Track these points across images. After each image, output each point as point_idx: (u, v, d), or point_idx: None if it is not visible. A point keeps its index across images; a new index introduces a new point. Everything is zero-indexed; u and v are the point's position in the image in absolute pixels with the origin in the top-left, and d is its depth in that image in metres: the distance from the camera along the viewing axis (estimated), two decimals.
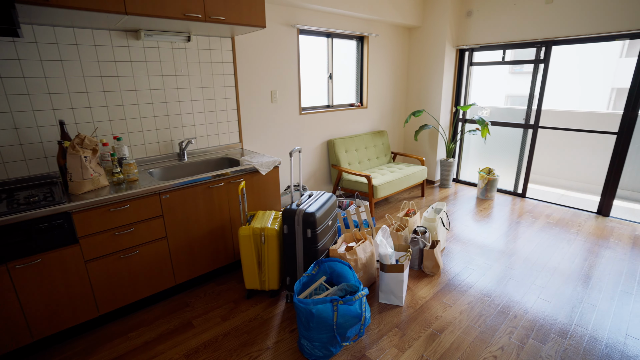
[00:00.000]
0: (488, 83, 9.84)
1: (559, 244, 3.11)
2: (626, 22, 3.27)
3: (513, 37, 3.99)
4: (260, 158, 2.73)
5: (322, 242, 2.23)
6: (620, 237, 3.25)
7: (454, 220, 3.64)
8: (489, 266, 2.76)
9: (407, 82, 4.86)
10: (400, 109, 4.89)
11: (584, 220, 3.64)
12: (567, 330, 2.08)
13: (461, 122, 4.73)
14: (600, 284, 2.53)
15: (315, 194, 2.42)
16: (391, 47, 4.46)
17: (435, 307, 2.28)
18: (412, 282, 2.55)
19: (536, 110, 4.03)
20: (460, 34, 4.43)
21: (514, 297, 2.38)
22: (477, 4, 4.21)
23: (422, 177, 4.15)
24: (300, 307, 1.81)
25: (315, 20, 3.51)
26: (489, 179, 4.12)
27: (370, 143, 4.25)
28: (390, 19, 4.03)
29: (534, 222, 3.59)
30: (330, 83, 3.95)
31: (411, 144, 5.00)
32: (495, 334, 2.05)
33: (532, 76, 4.00)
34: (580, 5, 3.49)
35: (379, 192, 3.49)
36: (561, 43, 3.78)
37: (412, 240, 2.59)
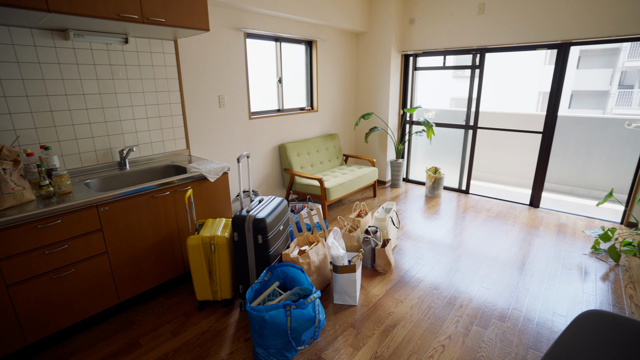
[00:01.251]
0: (434, 86, 10.43)
1: (498, 236, 3.36)
2: (545, 34, 3.63)
3: (451, 44, 4.26)
4: (208, 165, 2.64)
5: (274, 247, 2.21)
6: (548, 225, 3.59)
7: (404, 218, 3.79)
8: (437, 260, 2.91)
9: (357, 85, 4.99)
10: (350, 112, 5.01)
11: (519, 212, 3.97)
12: (505, 314, 2.24)
13: (408, 124, 4.96)
14: (532, 269, 2.77)
15: (266, 199, 2.39)
16: (340, 52, 4.56)
17: (388, 304, 2.35)
18: (366, 281, 2.61)
19: (475, 112, 4.34)
20: (405, 40, 4.65)
21: (460, 287, 2.53)
22: (419, 13, 4.44)
23: (374, 178, 4.28)
24: (253, 315, 1.78)
25: (262, 24, 3.49)
26: (435, 177, 4.35)
27: (322, 146, 4.30)
28: (337, 25, 4.12)
29: (477, 216, 3.85)
30: (280, 87, 3.95)
31: (362, 146, 5.14)
32: (443, 324, 2.16)
33: (470, 81, 4.30)
34: (507, 18, 3.82)
35: (332, 194, 3.54)
36: (493, 50, 4.11)
37: (364, 240, 2.66)
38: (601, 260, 2.90)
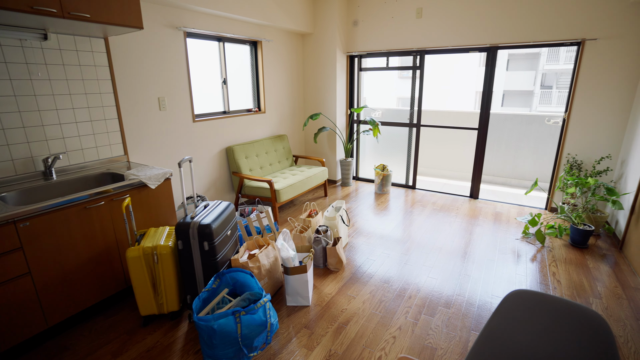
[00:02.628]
0: (381, 86, 10.81)
1: (442, 227, 3.56)
2: (476, 38, 3.92)
3: (393, 45, 4.43)
4: (149, 171, 2.49)
5: (222, 253, 2.14)
6: (486, 215, 3.87)
7: (356, 215, 3.87)
8: (387, 255, 3.00)
9: (304, 86, 5.01)
10: (299, 113, 5.01)
11: (461, 204, 4.24)
12: (450, 301, 2.38)
13: (356, 123, 5.07)
14: (473, 256, 2.96)
15: (212, 204, 2.31)
16: (286, 53, 4.54)
17: (341, 301, 2.38)
18: (318, 280, 2.62)
19: (417, 111, 4.55)
20: (349, 41, 4.75)
21: (409, 279, 2.63)
22: (362, 15, 4.57)
23: (324, 178, 4.32)
24: (201, 325, 1.70)
25: (204, 24, 3.37)
26: (383, 174, 4.50)
27: (270, 148, 4.25)
28: (282, 25, 4.10)
29: (423, 210, 4.04)
30: (225, 88, 3.84)
31: (312, 146, 5.16)
32: (394, 316, 2.23)
33: (412, 81, 4.51)
34: (443, 22, 4.06)
35: (282, 196, 3.51)
36: (431, 52, 4.34)
37: (315, 240, 2.67)
38: (530, 244, 3.19)
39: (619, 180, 3.44)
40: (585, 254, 3.01)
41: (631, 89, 3.37)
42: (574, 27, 3.47)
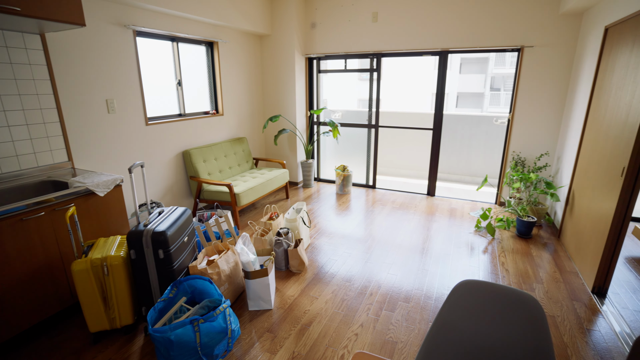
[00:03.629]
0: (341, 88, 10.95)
1: (402, 224, 3.68)
2: (428, 42, 4.10)
3: (351, 48, 4.52)
4: (96, 177, 2.34)
5: (179, 260, 2.06)
6: (442, 211, 4.06)
7: (318, 216, 3.89)
8: (348, 254, 3.05)
9: (263, 88, 4.96)
10: (258, 115, 4.96)
11: (419, 201, 4.41)
12: (409, 296, 2.46)
13: (316, 124, 5.11)
14: (430, 251, 3.09)
15: (167, 210, 2.22)
16: (243, 54, 4.47)
17: (304, 303, 2.38)
18: (281, 283, 2.60)
19: (375, 112, 4.67)
20: (308, 43, 4.77)
21: (370, 277, 2.69)
22: (319, 17, 4.61)
23: (285, 180, 4.31)
24: (157, 337, 1.63)
25: (156, 23, 3.23)
26: (344, 175, 4.57)
27: (230, 151, 4.16)
28: (239, 26, 4.04)
29: (383, 208, 4.15)
30: (180, 90, 3.70)
31: (272, 149, 5.13)
32: (356, 314, 2.27)
33: (369, 83, 4.62)
34: (397, 27, 4.20)
35: (242, 199, 3.45)
36: (388, 55, 4.48)
37: (276, 243, 2.65)
38: (482, 236, 3.39)
39: (556, 174, 3.75)
40: (529, 244, 3.24)
41: (563, 91, 3.69)
42: (515, 35, 3.74)
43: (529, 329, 0.99)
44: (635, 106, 2.15)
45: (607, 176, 2.46)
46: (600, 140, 2.67)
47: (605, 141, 2.56)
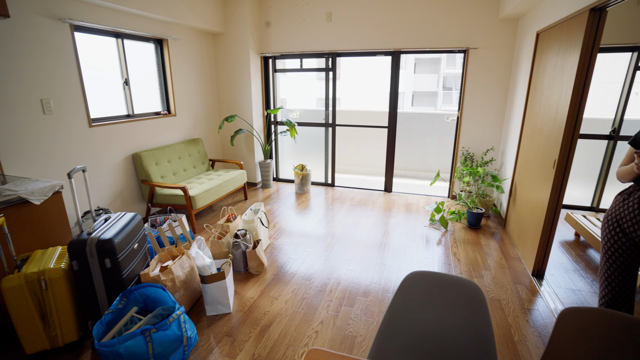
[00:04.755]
0: (300, 87, 10.96)
1: (360, 221, 3.76)
2: (381, 43, 4.22)
3: (306, 47, 4.53)
4: (31, 184, 2.15)
5: (129, 269, 1.96)
6: (399, 206, 4.20)
7: (277, 216, 3.87)
8: (308, 252, 3.06)
9: (218, 88, 4.84)
10: (213, 115, 4.82)
11: (377, 198, 4.53)
12: (368, 290, 2.52)
13: (273, 124, 5.07)
14: (388, 246, 3.19)
15: (114, 216, 2.09)
16: (196, 52, 4.32)
17: (263, 304, 2.36)
18: (240, 285, 2.56)
19: (332, 111, 4.73)
20: (262, 42, 4.72)
21: (330, 274, 2.72)
22: (274, 16, 4.57)
23: (243, 181, 4.23)
24: (104, 352, 1.53)
25: (96, 17, 3.02)
26: (303, 174, 4.58)
27: (184, 152, 4.02)
28: (190, 23, 3.90)
29: (342, 206, 4.22)
30: (128, 90, 3.51)
31: (229, 149, 5.02)
32: (316, 311, 2.29)
33: (325, 82, 4.66)
34: (351, 27, 4.28)
35: (198, 202, 3.35)
36: (342, 55, 4.54)
37: (233, 245, 2.60)
38: (436, 229, 3.55)
39: (500, 168, 4.03)
40: (479, 234, 3.45)
41: (504, 90, 3.97)
42: (460, 38, 3.96)
43: (471, 313, 1.05)
44: (562, 105, 2.36)
45: (542, 168, 2.68)
46: (535, 136, 2.90)
47: (540, 136, 2.79)
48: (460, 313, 1.05)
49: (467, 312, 1.05)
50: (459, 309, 1.06)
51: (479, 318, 1.03)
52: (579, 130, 2.28)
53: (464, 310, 1.05)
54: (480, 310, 1.04)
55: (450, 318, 1.05)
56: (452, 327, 1.02)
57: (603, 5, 2.01)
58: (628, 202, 1.60)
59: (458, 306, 1.07)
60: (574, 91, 2.22)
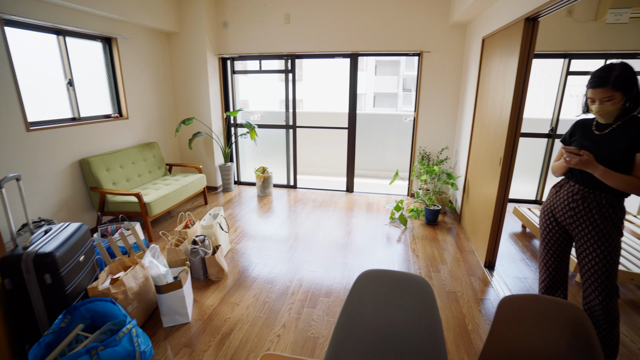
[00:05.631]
0: (263, 89, 10.83)
1: (323, 222, 3.78)
2: (340, 45, 4.27)
3: (265, 49, 4.49)
4: None
5: (73, 283, 1.83)
6: (361, 206, 4.28)
7: (239, 220, 3.80)
8: (270, 256, 3.03)
9: (174, 89, 4.66)
10: (170, 118, 4.64)
11: (339, 198, 4.58)
12: (330, 290, 2.54)
13: (233, 126, 4.97)
14: (350, 245, 3.23)
15: (56, 228, 1.95)
16: (149, 52, 4.14)
17: (224, 311, 2.30)
18: (199, 293, 2.47)
19: (292, 113, 4.72)
20: (220, 43, 4.61)
21: (292, 276, 2.71)
22: (231, 17, 4.49)
23: (202, 185, 4.11)
24: None
25: (32, 11, 2.80)
26: (264, 177, 4.53)
27: (138, 157, 3.83)
28: (141, 22, 3.73)
29: (305, 207, 4.22)
30: (72, 91, 3.28)
31: (187, 153, 4.85)
32: (278, 315, 2.26)
33: (285, 84, 4.65)
34: (310, 29, 4.30)
35: (154, 209, 3.20)
36: (301, 57, 4.55)
37: (192, 252, 2.51)
38: (396, 227, 3.65)
39: (455, 166, 4.23)
40: (436, 230, 3.60)
41: (456, 91, 4.18)
42: (415, 41, 4.11)
43: (421, 308, 1.09)
44: (505, 106, 2.53)
45: (490, 165, 2.84)
46: (484, 135, 3.07)
47: (488, 135, 2.96)
48: (410, 308, 1.09)
49: (417, 307, 1.09)
50: (410, 304, 1.09)
51: (429, 311, 1.07)
52: (520, 130, 2.45)
53: (414, 305, 1.09)
54: (429, 304, 1.08)
55: (402, 313, 1.08)
56: (404, 321, 1.06)
57: (535, 16, 2.17)
58: (560, 193, 1.74)
59: (409, 301, 1.10)
60: (514, 93, 2.38)
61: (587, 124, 1.68)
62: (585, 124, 1.69)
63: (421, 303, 1.10)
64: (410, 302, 1.10)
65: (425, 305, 1.10)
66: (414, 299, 1.12)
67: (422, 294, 1.13)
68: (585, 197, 1.61)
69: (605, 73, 1.50)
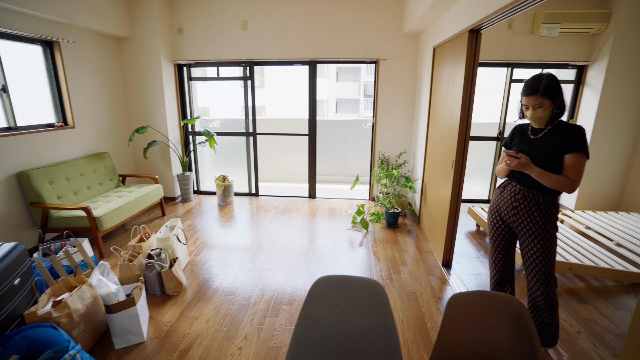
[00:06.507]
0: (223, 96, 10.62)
1: (285, 229, 3.75)
2: (298, 52, 4.30)
3: (222, 56, 4.42)
4: None
5: (5, 310, 1.67)
6: (323, 212, 4.30)
7: (199, 230, 3.67)
8: (232, 266, 2.95)
9: (126, 97, 4.45)
10: (122, 127, 4.41)
11: (301, 204, 4.57)
12: (293, 298, 2.52)
13: (192, 135, 4.83)
14: (313, 251, 3.23)
15: None
16: (98, 58, 3.92)
17: (182, 327, 2.20)
18: (155, 310, 2.35)
19: (252, 120, 4.67)
20: (175, 49, 4.47)
21: (254, 286, 2.66)
22: (187, 23, 4.37)
23: (159, 196, 3.94)
24: None
25: None
26: (224, 185, 4.43)
27: (87, 168, 3.59)
28: (86, 25, 3.53)
29: (267, 215, 4.17)
30: (7, 98, 3.03)
31: (142, 163, 4.63)
32: (239, 327, 2.21)
33: (244, 91, 4.59)
34: (268, 36, 4.29)
35: (105, 223, 3.01)
36: (260, 64, 4.52)
37: (147, 267, 2.39)
38: (358, 231, 3.71)
39: (413, 169, 4.38)
40: (397, 232, 3.69)
41: (412, 97, 4.35)
42: (371, 49, 4.23)
43: (375, 310, 1.11)
44: (456, 111, 2.67)
45: (444, 168, 2.98)
46: (438, 139, 3.22)
47: (441, 139, 3.10)
48: (365, 311, 1.10)
49: (371, 309, 1.10)
50: (364, 308, 1.11)
51: (383, 313, 1.09)
52: (470, 133, 2.59)
53: (368, 308, 1.11)
54: (382, 306, 1.10)
55: (357, 317, 1.09)
56: (359, 324, 1.07)
57: (478, 28, 2.32)
58: (504, 194, 1.86)
59: (363, 305, 1.12)
60: (463, 99, 2.52)
61: (524, 128, 1.81)
62: (523, 129, 1.82)
63: (375, 306, 1.12)
64: (364, 306, 1.12)
65: (379, 307, 1.12)
66: (368, 302, 1.14)
67: (376, 297, 1.15)
68: (525, 196, 1.74)
69: (535, 82, 1.63)
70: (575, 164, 1.58)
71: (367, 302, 1.13)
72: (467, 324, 1.07)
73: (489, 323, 1.06)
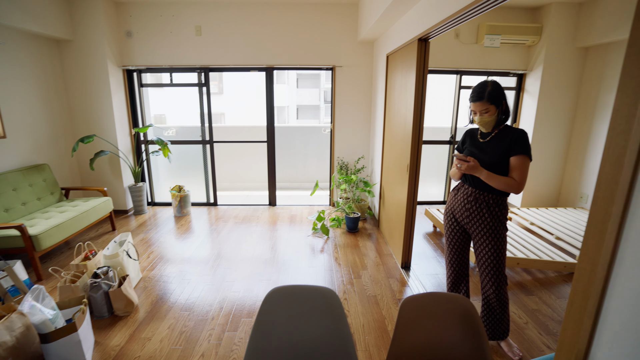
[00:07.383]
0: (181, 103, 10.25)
1: (245, 238, 3.66)
2: (255, 59, 4.25)
3: (175, 61, 4.25)
4: None
5: None
6: (283, 219, 4.25)
7: (154, 244, 3.48)
8: (189, 280, 2.82)
9: (68, 104, 4.14)
10: (65, 136, 4.09)
11: (261, 213, 4.49)
12: (253, 310, 2.44)
13: (144, 143, 4.59)
14: (273, 260, 3.17)
15: None
16: (33, 61, 3.61)
17: (133, 349, 2.05)
18: (102, 333, 2.18)
19: (208, 127, 4.53)
20: (124, 54, 4.24)
21: (212, 300, 2.55)
22: (135, 26, 4.17)
23: (108, 209, 3.68)
24: None
25: None
26: (180, 196, 4.25)
27: (23, 182, 3.28)
28: (18, 25, 3.24)
29: (226, 224, 4.05)
30: None
31: (89, 175, 4.32)
32: (196, 344, 2.10)
33: (200, 98, 4.45)
34: (223, 42, 4.20)
35: (43, 241, 2.76)
36: (215, 70, 4.41)
37: (92, 287, 2.21)
38: (319, 237, 3.70)
39: (371, 174, 4.47)
40: (357, 237, 3.73)
41: (368, 103, 4.45)
42: (328, 56, 4.28)
43: (330, 318, 1.10)
44: (408, 116, 2.76)
45: (400, 172, 3.06)
46: (393, 144, 3.31)
47: (396, 144, 3.19)
48: (319, 319, 1.09)
49: (325, 317, 1.09)
50: (318, 316, 1.09)
51: (337, 320, 1.08)
52: (423, 137, 2.69)
53: (322, 316, 1.09)
54: (336, 313, 1.09)
55: (311, 326, 1.07)
56: (314, 333, 1.05)
57: (426, 37, 2.43)
58: (457, 196, 1.94)
59: (317, 313, 1.10)
60: (414, 104, 2.61)
61: (474, 132, 1.91)
62: (473, 133, 1.91)
63: (329, 313, 1.11)
64: (318, 314, 1.10)
65: (333, 315, 1.10)
66: (322, 310, 1.12)
67: (330, 304, 1.14)
68: (477, 198, 1.82)
69: (481, 89, 1.73)
70: (519, 165, 1.68)
71: (321, 311, 1.12)
72: (419, 326, 1.09)
73: (440, 323, 1.09)
